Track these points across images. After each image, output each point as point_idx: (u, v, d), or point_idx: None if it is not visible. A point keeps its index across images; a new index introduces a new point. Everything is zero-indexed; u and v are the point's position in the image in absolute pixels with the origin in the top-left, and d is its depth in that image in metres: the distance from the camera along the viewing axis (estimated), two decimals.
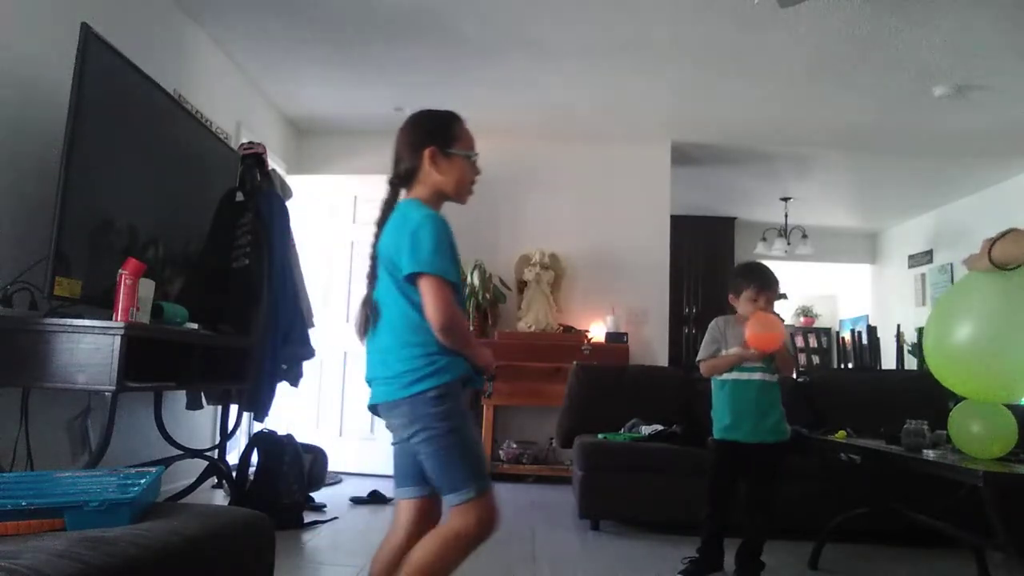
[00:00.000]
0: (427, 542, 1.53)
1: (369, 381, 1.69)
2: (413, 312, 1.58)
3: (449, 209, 1.80)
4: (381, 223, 1.71)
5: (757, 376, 2.70)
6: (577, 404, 4.10)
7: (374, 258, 1.71)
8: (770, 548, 2.74)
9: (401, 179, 1.73)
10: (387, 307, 1.64)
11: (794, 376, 2.83)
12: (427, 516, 1.65)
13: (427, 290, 1.55)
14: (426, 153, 1.69)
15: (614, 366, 4.59)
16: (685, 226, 6.83)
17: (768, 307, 2.71)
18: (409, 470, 1.64)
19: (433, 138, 1.72)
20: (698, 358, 2.82)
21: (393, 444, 1.70)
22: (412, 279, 1.57)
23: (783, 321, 2.74)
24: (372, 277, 1.70)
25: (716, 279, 7.64)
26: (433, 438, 1.53)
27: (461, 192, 1.76)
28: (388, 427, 1.67)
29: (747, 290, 2.71)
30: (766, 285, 2.71)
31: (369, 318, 1.66)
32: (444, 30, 3.93)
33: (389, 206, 1.71)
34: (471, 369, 1.62)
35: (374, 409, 1.68)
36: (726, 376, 2.72)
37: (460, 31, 3.94)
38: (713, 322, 2.83)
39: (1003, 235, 1.27)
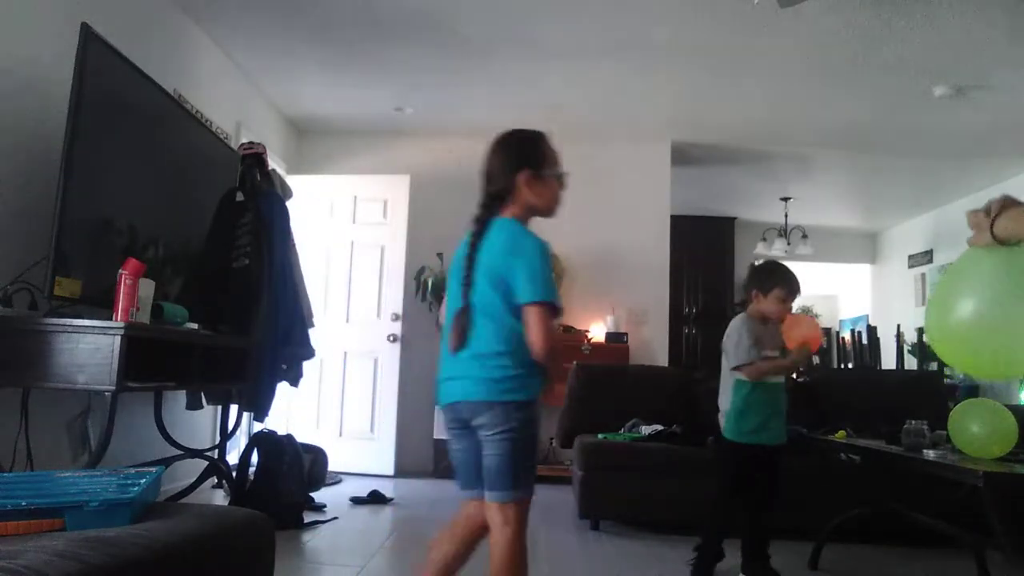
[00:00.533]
0: (494, 549, 1.66)
1: (451, 379, 1.75)
2: (518, 324, 1.67)
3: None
4: (477, 237, 1.79)
5: (782, 378, 2.72)
6: (577, 404, 4.10)
7: (470, 268, 1.75)
8: (770, 548, 2.73)
9: (494, 198, 1.82)
10: (489, 315, 1.70)
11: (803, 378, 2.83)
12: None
13: (535, 318, 1.64)
14: (521, 177, 1.79)
15: (614, 366, 4.59)
16: (685, 226, 6.83)
17: (791, 310, 2.74)
18: (477, 473, 1.73)
19: (527, 162, 1.81)
20: (739, 361, 2.66)
21: (456, 448, 1.78)
22: (523, 304, 1.67)
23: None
24: (468, 285, 1.74)
25: (716, 279, 7.65)
26: (511, 440, 1.65)
27: (552, 209, 1.87)
28: (449, 424, 1.77)
29: (778, 290, 2.70)
30: (797, 287, 2.72)
31: (467, 328, 1.71)
32: (444, 30, 3.93)
33: (483, 223, 1.80)
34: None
35: (453, 406, 1.74)
36: (767, 379, 2.69)
37: (460, 31, 3.94)
38: (742, 323, 2.71)
39: (1002, 207, 1.25)
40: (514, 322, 1.68)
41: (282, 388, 3.62)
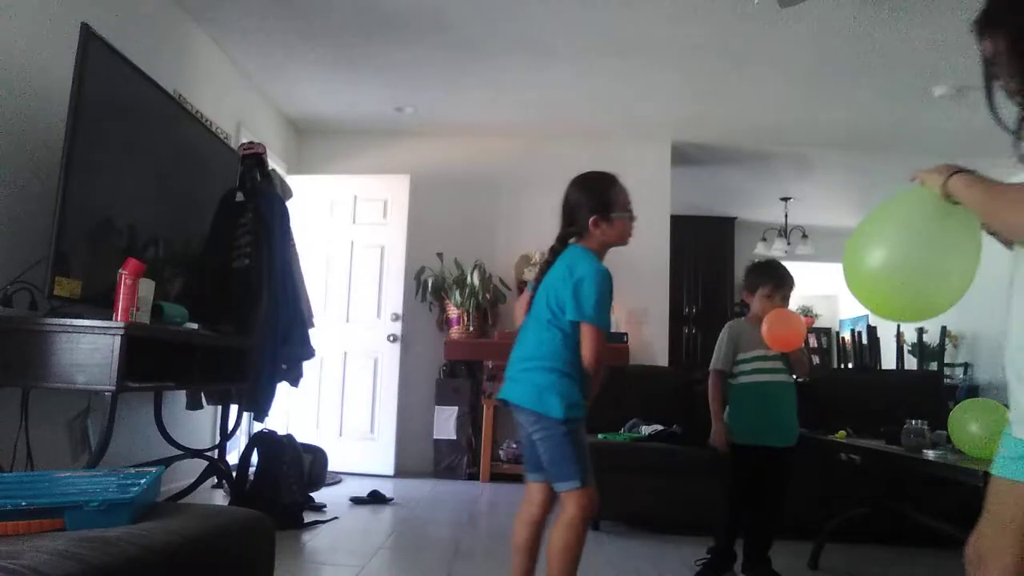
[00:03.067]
0: (556, 530, 1.90)
1: (508, 378, 2.02)
2: (561, 342, 1.92)
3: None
4: (546, 266, 2.05)
5: (781, 377, 2.68)
6: None
7: (535, 289, 2.05)
8: (771, 548, 2.74)
9: (569, 234, 2.08)
10: (540, 329, 1.97)
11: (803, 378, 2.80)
12: (553, 494, 1.98)
13: (587, 336, 1.91)
14: (591, 221, 2.04)
15: (614, 366, 4.58)
16: (685, 226, 6.83)
17: (784, 305, 2.68)
18: (536, 459, 1.98)
19: (596, 209, 2.05)
20: (713, 365, 2.73)
21: (522, 434, 2.05)
22: (574, 323, 1.92)
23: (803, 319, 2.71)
24: (528, 306, 2.06)
25: (716, 279, 7.65)
26: (550, 437, 1.89)
27: (623, 240, 2.11)
28: (516, 418, 2.03)
29: (763, 287, 2.68)
30: (782, 282, 2.67)
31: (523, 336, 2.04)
32: (444, 30, 3.93)
33: (556, 253, 2.05)
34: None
35: (504, 401, 2.01)
36: (755, 378, 2.68)
37: (460, 31, 3.94)
38: (727, 326, 2.76)
39: (959, 169, 1.30)
40: (559, 338, 1.92)
41: (282, 388, 3.62)
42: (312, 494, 3.70)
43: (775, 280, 2.68)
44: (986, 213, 1.24)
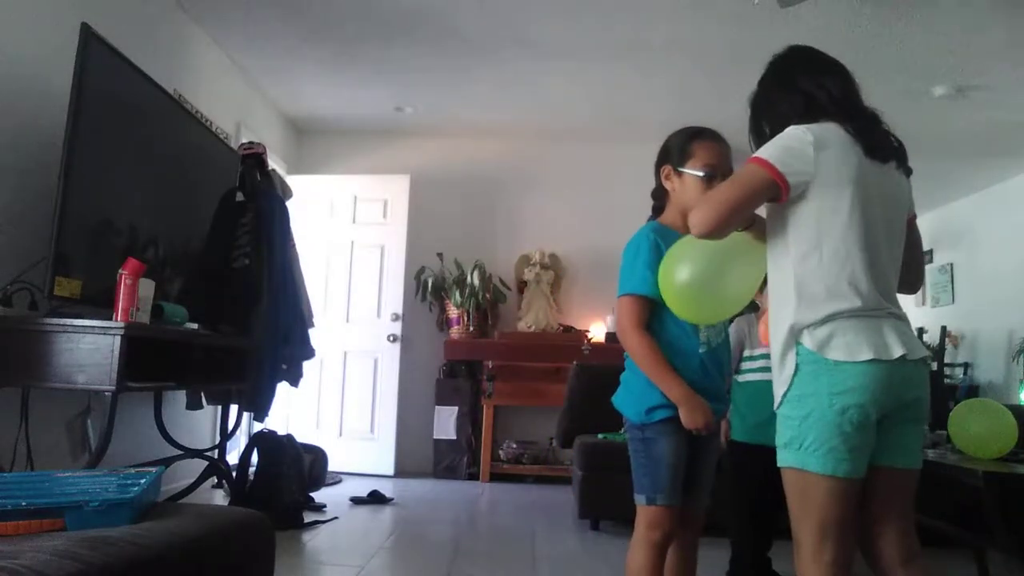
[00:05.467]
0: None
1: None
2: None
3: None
4: None
5: (768, 376, 2.67)
6: (577, 404, 4.10)
7: None
8: (771, 548, 2.73)
9: (655, 203, 1.83)
10: None
11: None
12: (686, 512, 1.75)
13: (617, 309, 1.76)
14: (662, 172, 1.76)
15: (614, 366, 4.57)
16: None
17: None
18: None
19: (668, 156, 1.76)
20: None
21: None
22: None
23: None
24: None
25: None
26: (632, 440, 1.75)
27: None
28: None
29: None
30: None
31: None
32: (444, 30, 3.93)
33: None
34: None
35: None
36: (760, 376, 2.67)
37: (460, 31, 3.94)
38: (734, 323, 2.77)
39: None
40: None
41: (282, 388, 3.61)
42: (312, 494, 3.70)
43: None
44: (689, 223, 1.51)
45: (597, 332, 5.38)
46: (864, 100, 1.66)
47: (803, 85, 1.63)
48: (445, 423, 5.09)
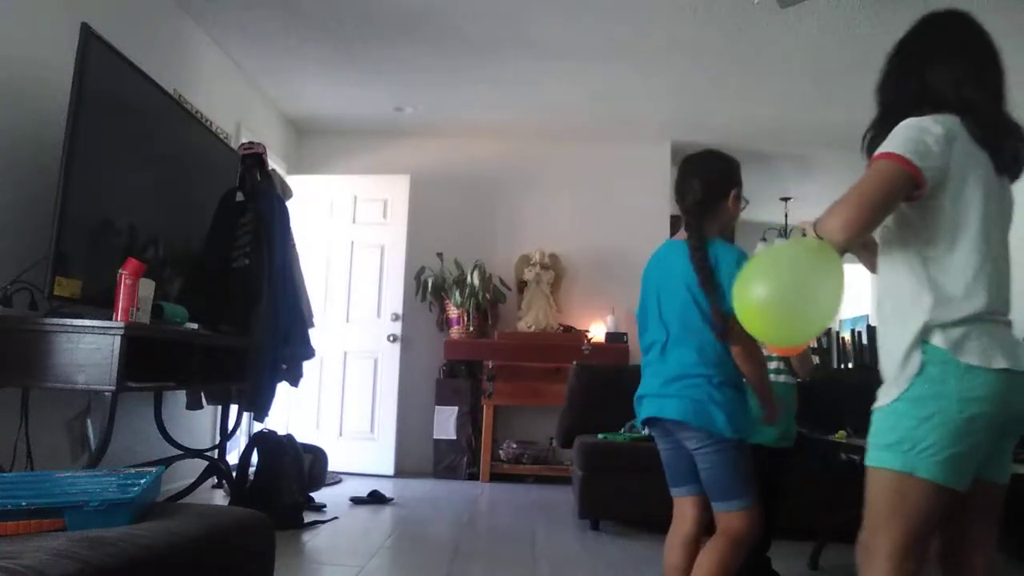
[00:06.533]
0: (710, 549, 1.77)
1: (646, 396, 1.87)
2: (713, 344, 1.75)
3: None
4: (703, 250, 1.80)
5: (782, 379, 2.67)
6: (577, 404, 4.10)
7: (709, 277, 1.78)
8: (770, 548, 2.73)
9: (701, 212, 1.86)
10: (691, 333, 1.77)
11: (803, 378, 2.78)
12: (708, 508, 1.85)
13: (734, 323, 1.67)
14: (732, 193, 1.88)
15: (614, 366, 4.58)
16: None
17: None
18: (687, 473, 1.87)
19: (735, 182, 1.90)
20: None
21: (664, 449, 1.94)
22: (725, 317, 1.71)
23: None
24: (712, 292, 1.78)
25: None
26: (717, 452, 1.75)
27: (731, 229, 1.96)
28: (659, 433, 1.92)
29: None
30: None
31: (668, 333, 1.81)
32: (444, 30, 3.93)
33: (702, 236, 1.82)
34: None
35: (652, 420, 1.87)
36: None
37: (460, 31, 3.94)
38: None
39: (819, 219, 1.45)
40: (713, 339, 1.75)
41: (282, 388, 3.61)
42: (312, 494, 3.70)
43: None
44: (819, 229, 1.41)
45: (597, 332, 5.38)
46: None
47: (934, 71, 1.51)
48: (445, 423, 5.09)
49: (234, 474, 3.39)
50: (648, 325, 1.92)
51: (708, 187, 1.86)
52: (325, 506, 3.70)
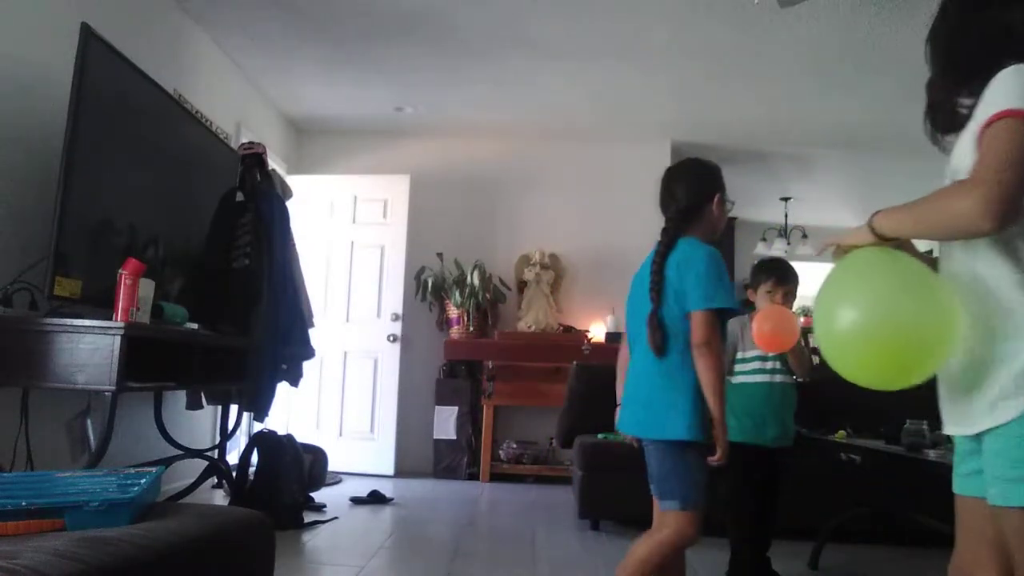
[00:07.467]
0: (641, 542, 1.79)
1: (627, 403, 1.93)
2: (669, 348, 1.77)
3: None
4: (663, 256, 1.84)
5: (780, 379, 2.66)
6: (577, 404, 4.10)
7: (658, 284, 1.82)
8: (771, 548, 2.73)
9: (682, 219, 1.90)
10: (672, 336, 1.78)
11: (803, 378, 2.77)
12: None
13: (698, 319, 1.73)
14: (716, 198, 1.91)
15: (614, 366, 4.57)
16: None
17: (786, 302, 2.66)
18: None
19: (718, 186, 1.93)
20: None
21: (645, 449, 1.91)
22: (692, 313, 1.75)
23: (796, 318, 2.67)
24: (657, 297, 1.81)
25: None
26: (660, 449, 1.79)
27: (719, 231, 1.95)
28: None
29: (764, 284, 2.67)
30: (784, 278, 2.63)
31: (663, 335, 1.79)
32: (444, 30, 3.93)
33: (672, 241, 1.85)
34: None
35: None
36: (754, 379, 2.65)
37: (460, 31, 3.94)
38: (728, 324, 2.77)
39: (873, 215, 1.25)
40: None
41: (282, 388, 3.62)
42: (312, 494, 3.70)
43: (776, 276, 2.66)
44: (922, 222, 1.17)
45: (597, 332, 5.38)
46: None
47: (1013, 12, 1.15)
48: (445, 423, 5.09)
49: (234, 474, 3.39)
50: (628, 329, 2.01)
51: (691, 194, 1.91)
52: (325, 506, 3.70)
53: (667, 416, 1.76)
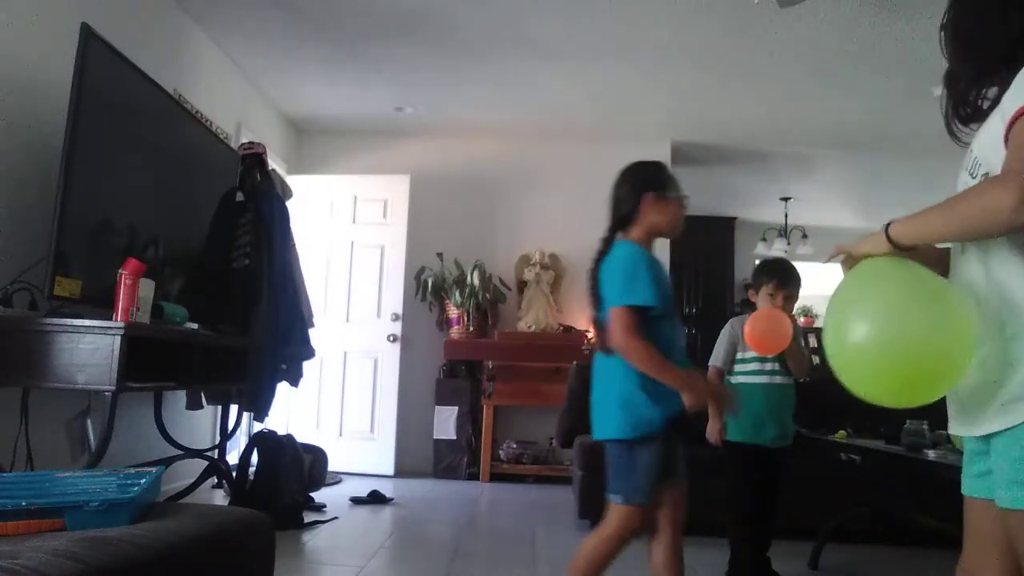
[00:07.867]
0: (591, 535, 1.83)
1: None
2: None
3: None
4: (596, 261, 1.93)
5: (779, 379, 2.66)
6: (577, 404, 4.09)
7: (593, 288, 1.91)
8: (771, 548, 2.73)
9: (618, 223, 1.97)
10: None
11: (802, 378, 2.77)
12: (679, 502, 1.88)
13: (612, 316, 1.76)
14: (646, 199, 1.92)
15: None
16: (685, 226, 6.82)
17: (787, 304, 2.66)
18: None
19: (650, 186, 1.94)
20: (712, 362, 2.73)
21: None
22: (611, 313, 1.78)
23: (792, 320, 2.67)
24: (595, 301, 1.90)
25: (716, 279, 7.64)
26: (609, 444, 1.82)
27: (675, 228, 1.98)
28: None
29: (765, 285, 2.67)
30: (785, 280, 2.64)
31: (603, 337, 1.84)
32: (444, 30, 3.93)
33: (608, 245, 1.94)
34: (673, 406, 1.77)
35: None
36: (752, 379, 2.66)
37: (460, 31, 3.94)
38: (728, 323, 2.77)
39: (887, 224, 1.23)
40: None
41: (282, 388, 3.62)
42: (312, 494, 3.70)
43: (778, 279, 2.66)
44: (952, 221, 1.14)
45: None
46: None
47: None
48: (445, 423, 5.09)
49: (234, 474, 3.39)
50: None
51: (623, 196, 1.96)
52: (325, 506, 3.70)
53: (603, 416, 1.84)
